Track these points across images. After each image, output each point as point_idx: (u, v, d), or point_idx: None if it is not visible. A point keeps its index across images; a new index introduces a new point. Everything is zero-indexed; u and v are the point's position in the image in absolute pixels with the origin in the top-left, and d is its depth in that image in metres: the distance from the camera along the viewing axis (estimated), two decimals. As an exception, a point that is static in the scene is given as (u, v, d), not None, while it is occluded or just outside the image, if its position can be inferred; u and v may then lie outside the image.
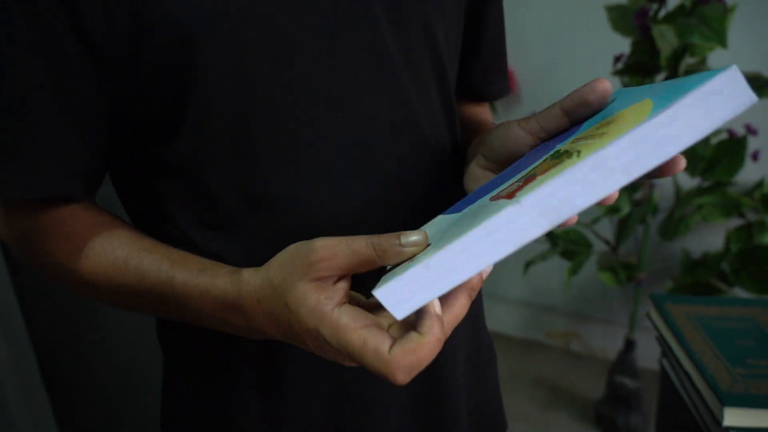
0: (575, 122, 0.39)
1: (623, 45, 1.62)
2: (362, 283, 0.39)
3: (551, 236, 1.56)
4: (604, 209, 1.44)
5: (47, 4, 0.36)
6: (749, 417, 0.53)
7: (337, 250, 0.32)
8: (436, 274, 0.29)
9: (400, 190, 0.44)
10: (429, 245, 0.33)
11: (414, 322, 0.31)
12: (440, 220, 0.39)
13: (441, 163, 0.47)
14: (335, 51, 0.41)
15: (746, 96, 0.28)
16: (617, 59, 1.42)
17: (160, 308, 0.41)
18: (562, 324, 1.92)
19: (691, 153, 1.35)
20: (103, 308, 1.15)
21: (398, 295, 0.29)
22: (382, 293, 0.29)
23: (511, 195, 0.31)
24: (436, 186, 0.47)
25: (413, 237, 0.32)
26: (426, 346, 0.30)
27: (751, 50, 1.49)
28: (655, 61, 1.32)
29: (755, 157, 1.43)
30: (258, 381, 0.46)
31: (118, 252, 0.42)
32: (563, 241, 1.54)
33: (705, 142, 1.33)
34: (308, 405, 0.46)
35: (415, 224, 0.45)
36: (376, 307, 0.34)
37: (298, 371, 0.45)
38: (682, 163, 0.32)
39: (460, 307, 0.32)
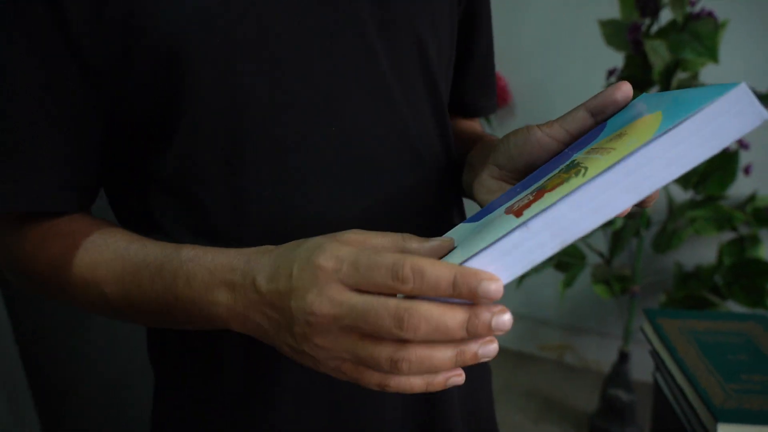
0: (600, 121, 0.38)
1: (616, 59, 1.64)
2: None
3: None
4: (598, 222, 1.44)
5: (39, 17, 0.36)
6: (742, 433, 0.53)
7: (367, 232, 0.34)
8: None
9: (393, 201, 0.44)
10: (454, 248, 0.34)
11: None
12: (461, 228, 0.39)
13: (434, 173, 0.47)
14: (326, 63, 0.41)
15: (756, 114, 0.26)
16: (610, 73, 1.43)
17: (156, 291, 0.38)
18: (556, 336, 1.92)
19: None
20: (94, 318, 1.14)
21: None
22: None
23: (520, 211, 0.31)
24: (430, 196, 0.47)
25: (442, 237, 0.35)
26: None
27: (741, 65, 1.51)
28: (648, 75, 1.33)
29: (747, 171, 1.44)
30: (250, 393, 0.45)
31: (120, 242, 0.41)
32: (557, 254, 1.54)
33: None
34: (302, 418, 0.46)
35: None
36: None
37: (293, 384, 0.45)
38: (656, 194, 0.33)
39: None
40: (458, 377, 0.30)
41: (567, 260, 1.54)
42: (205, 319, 0.37)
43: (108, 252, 0.40)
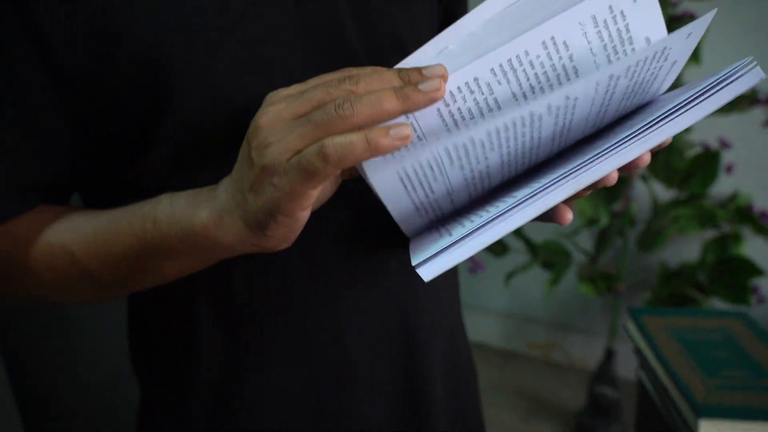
0: None
1: (601, 60, 1.65)
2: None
3: (531, 247, 1.57)
4: (584, 220, 1.46)
5: (5, 24, 0.36)
6: (724, 428, 0.54)
7: None
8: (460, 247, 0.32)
9: (379, 209, 0.44)
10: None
11: None
12: None
13: None
14: (311, 70, 0.41)
15: None
16: (595, 74, 1.44)
17: (132, 226, 0.38)
18: (543, 334, 1.93)
19: (667, 165, 1.38)
20: (82, 320, 1.13)
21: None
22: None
23: None
24: None
25: None
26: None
27: (723, 66, 1.53)
28: (632, 75, 1.35)
29: (729, 170, 1.46)
30: (232, 392, 0.45)
31: (94, 211, 0.41)
32: (543, 252, 1.56)
33: (680, 154, 1.35)
34: (283, 418, 0.46)
35: (394, 245, 0.45)
36: None
37: (275, 382, 0.45)
38: (647, 157, 0.33)
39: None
40: (403, 128, 0.29)
41: (552, 258, 1.55)
42: (184, 236, 0.36)
43: (77, 217, 0.40)
